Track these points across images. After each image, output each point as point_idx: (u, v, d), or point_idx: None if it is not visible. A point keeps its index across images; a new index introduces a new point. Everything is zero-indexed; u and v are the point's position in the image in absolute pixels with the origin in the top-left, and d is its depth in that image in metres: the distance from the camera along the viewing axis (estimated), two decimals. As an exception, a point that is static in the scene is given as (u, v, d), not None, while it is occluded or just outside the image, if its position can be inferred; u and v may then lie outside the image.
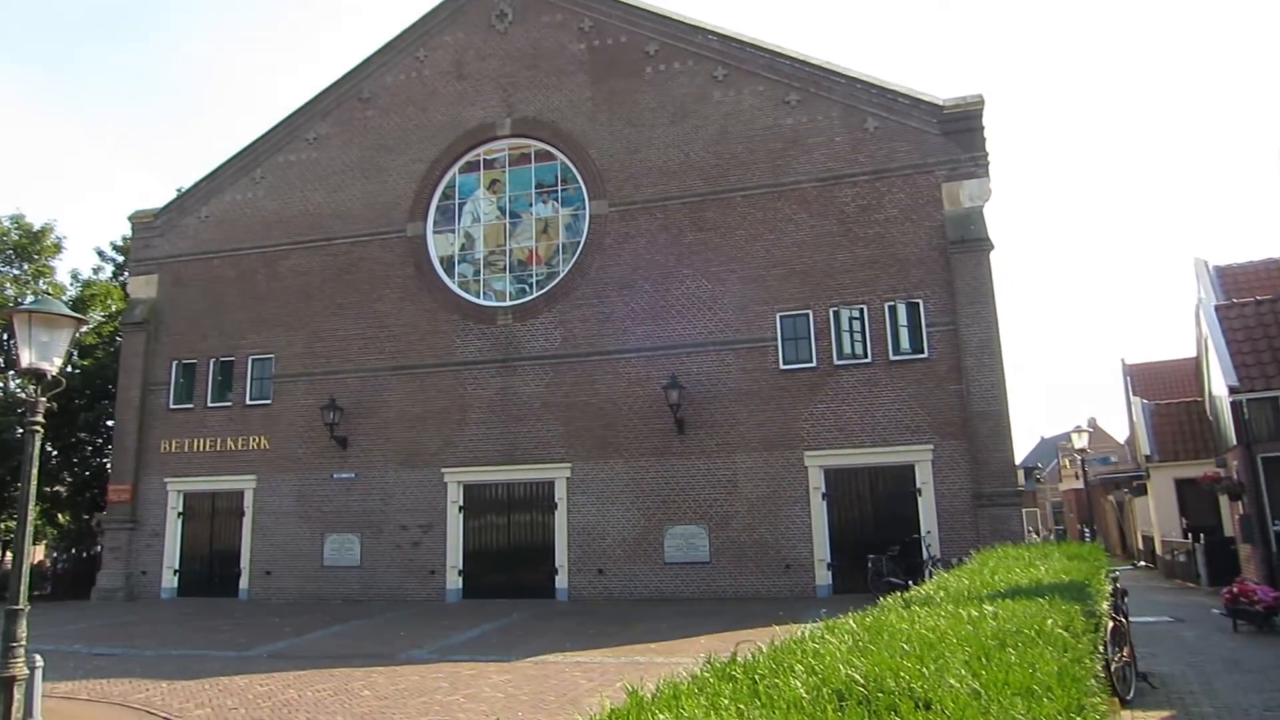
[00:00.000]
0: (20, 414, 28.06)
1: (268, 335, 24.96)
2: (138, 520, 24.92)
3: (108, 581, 24.69)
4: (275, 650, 14.84)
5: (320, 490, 23.60)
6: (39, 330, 7.29)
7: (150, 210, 27.18)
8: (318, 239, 25.05)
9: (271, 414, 24.51)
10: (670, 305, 21.76)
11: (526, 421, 22.33)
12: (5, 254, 30.87)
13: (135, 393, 25.57)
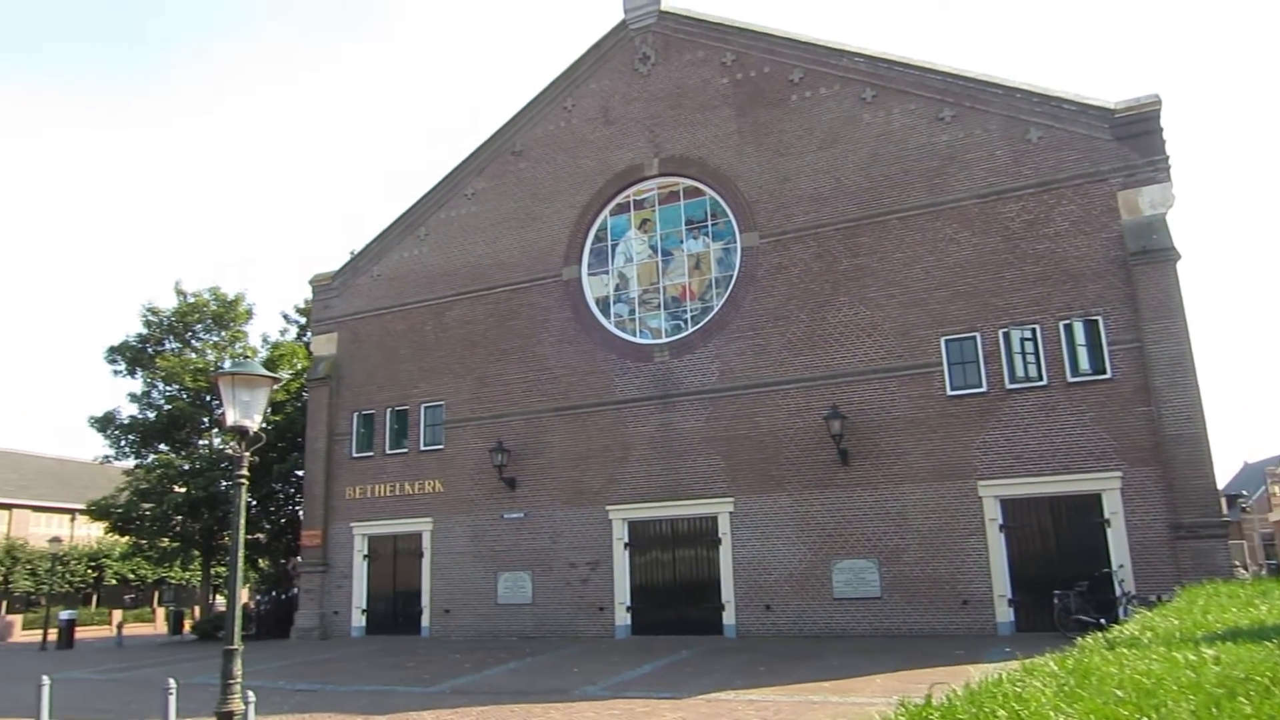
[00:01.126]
0: (224, 468, 30.62)
1: (437, 383, 26.20)
2: (328, 563, 26.54)
3: (304, 621, 26.35)
4: (458, 686, 15.35)
5: (492, 530, 24.43)
6: (241, 390, 7.94)
7: (328, 273, 29.20)
8: (479, 288, 26.18)
9: (444, 458, 25.64)
10: (828, 334, 21.40)
11: (687, 457, 22.39)
12: (206, 323, 33.83)
13: (321, 444, 27.36)
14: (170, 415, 32.41)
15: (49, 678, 13.40)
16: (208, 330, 33.90)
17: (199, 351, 33.57)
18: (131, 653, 27.78)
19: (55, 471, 49.75)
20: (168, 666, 21.39)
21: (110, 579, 46.46)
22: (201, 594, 38.11)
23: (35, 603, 43.08)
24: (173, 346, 33.46)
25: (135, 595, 48.40)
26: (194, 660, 22.66)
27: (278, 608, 30.22)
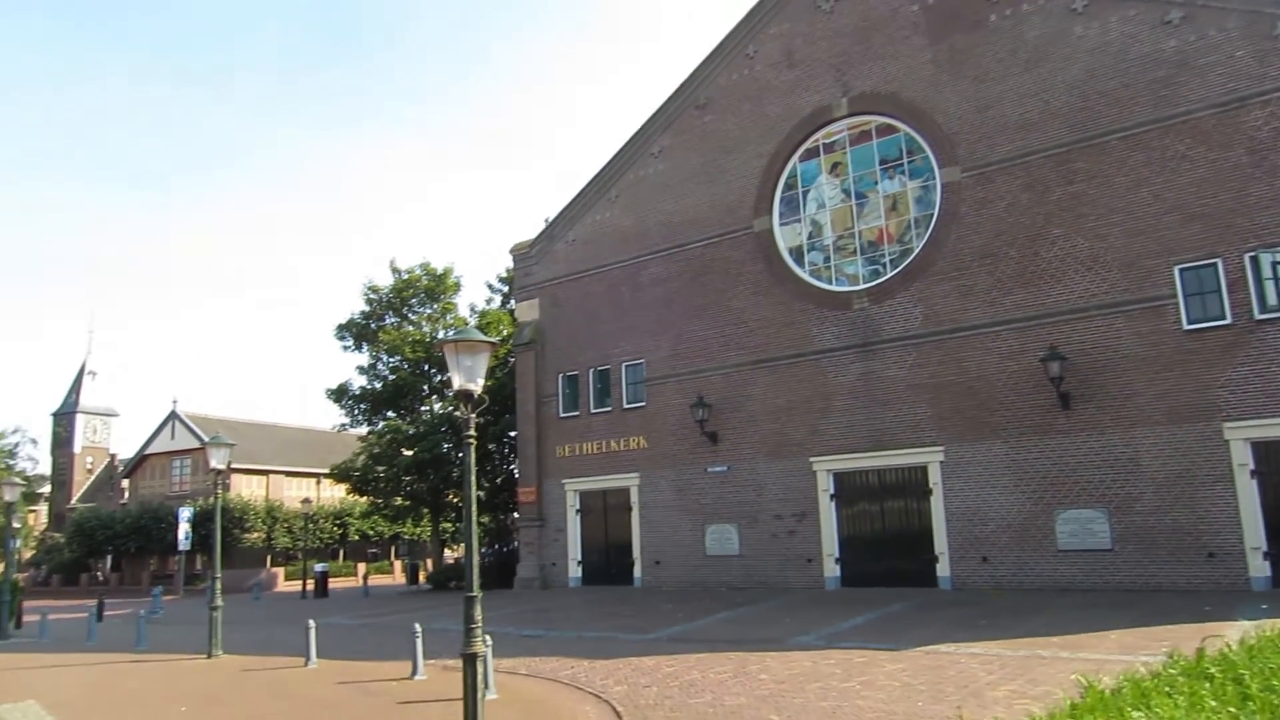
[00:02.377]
0: (445, 432, 32.74)
1: (637, 342, 26.75)
2: (544, 518, 27.92)
3: (525, 572, 27.93)
4: (673, 634, 15.79)
5: (697, 484, 24.81)
6: (464, 356, 8.41)
7: (526, 242, 30.33)
8: (671, 246, 26.38)
9: (647, 415, 26.22)
10: (1041, 270, 20.04)
11: (892, 406, 21.75)
12: (419, 296, 36.13)
13: (531, 406, 28.68)
14: (395, 384, 35.04)
15: (314, 621, 14.98)
16: (421, 303, 36.21)
17: (415, 324, 35.94)
18: (376, 601, 30.50)
19: (301, 440, 55.02)
20: (409, 613, 23.31)
21: (353, 535, 51.09)
22: (432, 548, 41.21)
23: (293, 557, 48.11)
24: (392, 321, 35.98)
25: (376, 550, 53.03)
26: (431, 608, 24.56)
27: (499, 560, 32.17)
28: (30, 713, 11.03)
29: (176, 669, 14.72)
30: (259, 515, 46.61)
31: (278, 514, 47.76)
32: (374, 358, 35.82)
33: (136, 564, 49.86)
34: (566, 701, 10.49)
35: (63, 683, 13.57)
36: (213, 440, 16.41)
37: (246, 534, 45.21)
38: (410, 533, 51.20)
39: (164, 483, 52.07)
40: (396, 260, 36.73)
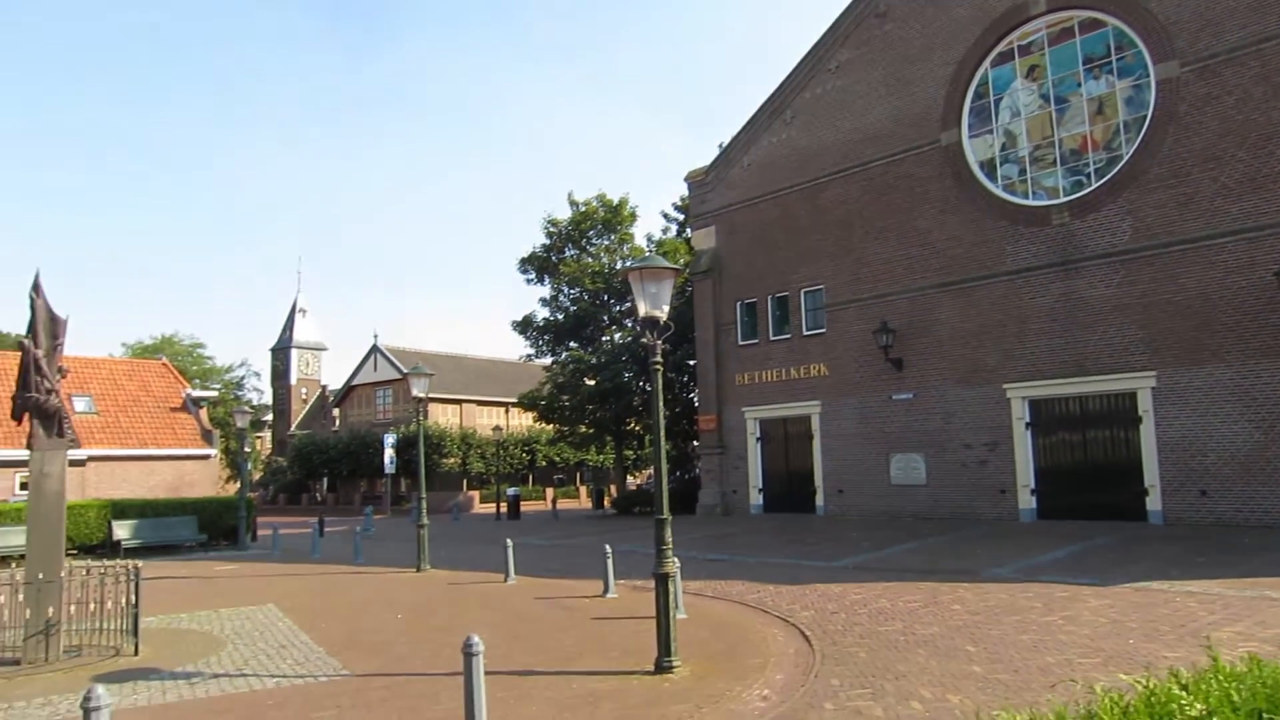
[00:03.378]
0: (625, 361, 33.36)
1: (816, 267, 26.10)
2: (725, 445, 28.10)
3: (707, 499, 28.34)
4: (858, 562, 15.61)
5: (881, 412, 24.18)
6: (649, 283, 8.43)
7: (701, 169, 29.99)
8: (851, 166, 25.37)
9: (827, 342, 25.68)
10: (1276, 173, 17.88)
11: (1096, 328, 20.25)
12: (597, 228, 36.64)
13: (710, 334, 28.71)
14: (576, 315, 35.98)
15: (511, 541, 15.81)
16: (599, 235, 36.74)
17: (594, 255, 36.57)
18: (565, 524, 31.88)
19: (490, 371, 57.72)
20: (596, 536, 24.21)
21: (540, 461, 53.46)
22: (615, 474, 42.52)
23: (486, 481, 50.97)
24: (571, 253, 36.77)
25: (562, 475, 55.34)
26: (617, 531, 25.41)
27: (681, 487, 32.76)
28: (270, 614, 12.29)
29: (391, 581, 15.96)
30: (454, 442, 49.53)
31: (471, 441, 50.58)
32: (555, 290, 36.84)
33: (349, 485, 54.37)
34: (754, 624, 10.59)
35: (295, 590, 15.02)
36: (413, 370, 17.41)
37: (444, 459, 48.20)
38: (594, 459, 53.03)
39: (369, 411, 56.16)
40: (574, 193, 37.36)
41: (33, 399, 9.47)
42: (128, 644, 9.69)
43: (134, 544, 22.13)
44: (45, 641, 9.27)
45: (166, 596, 14.07)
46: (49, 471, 9.63)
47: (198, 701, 7.69)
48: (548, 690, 7.64)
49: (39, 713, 7.45)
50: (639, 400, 34.97)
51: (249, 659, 9.37)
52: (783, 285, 26.95)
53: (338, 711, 7.18)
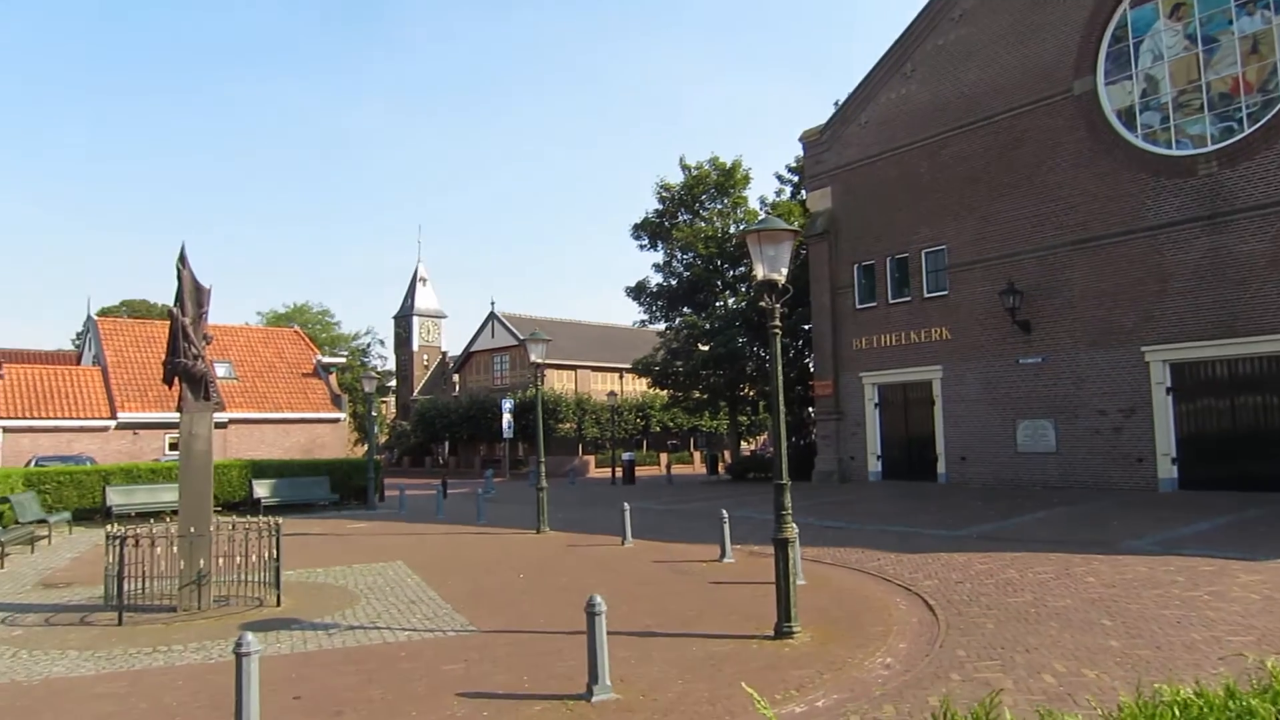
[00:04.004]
0: (739, 327, 33.12)
1: (937, 227, 25.19)
2: (841, 411, 27.62)
3: (823, 465, 27.97)
4: (983, 532, 15.12)
5: (1007, 376, 23.27)
6: (767, 246, 8.26)
7: (816, 128, 29.26)
8: (976, 120, 24.27)
9: (949, 304, 24.82)
10: None
11: (1248, 285, 18.88)
12: (710, 192, 36.28)
13: (825, 298, 28.14)
14: (690, 281, 35.84)
15: (627, 505, 15.98)
16: (712, 199, 36.38)
17: (707, 220, 36.27)
18: (679, 489, 32.07)
19: (604, 337, 58.32)
20: (711, 501, 24.25)
21: (654, 427, 53.86)
22: (729, 440, 42.44)
23: (601, 446, 51.71)
24: (684, 218, 36.55)
25: (676, 441, 55.63)
26: (732, 497, 25.39)
27: (796, 453, 32.40)
28: (400, 571, 12.81)
29: (511, 541, 16.40)
30: (569, 407, 50.37)
31: (586, 406, 51.34)
32: (669, 255, 36.75)
33: (469, 449, 56.10)
34: (875, 591, 10.40)
35: (421, 548, 15.60)
36: (531, 336, 17.69)
37: (560, 424, 49.11)
38: (708, 425, 53.05)
39: (487, 377, 57.64)
40: (686, 157, 37.06)
41: (181, 364, 10.06)
42: (270, 595, 10.26)
43: (272, 502, 23.41)
44: (197, 591, 9.90)
45: (303, 552, 14.83)
46: (197, 432, 10.23)
47: (335, 651, 8.07)
48: (668, 651, 7.69)
49: (194, 656, 7.97)
50: (753, 366, 34.68)
51: (381, 613, 9.78)
52: (902, 246, 26.14)
53: (466, 665, 7.42)
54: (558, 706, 6.20)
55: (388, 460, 59.76)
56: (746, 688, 5.94)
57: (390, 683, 6.92)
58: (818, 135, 29.12)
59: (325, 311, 77.29)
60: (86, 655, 8.10)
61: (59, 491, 21.77)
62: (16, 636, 8.98)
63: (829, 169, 28.62)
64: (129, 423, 35.26)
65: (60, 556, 15.73)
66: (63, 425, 34.01)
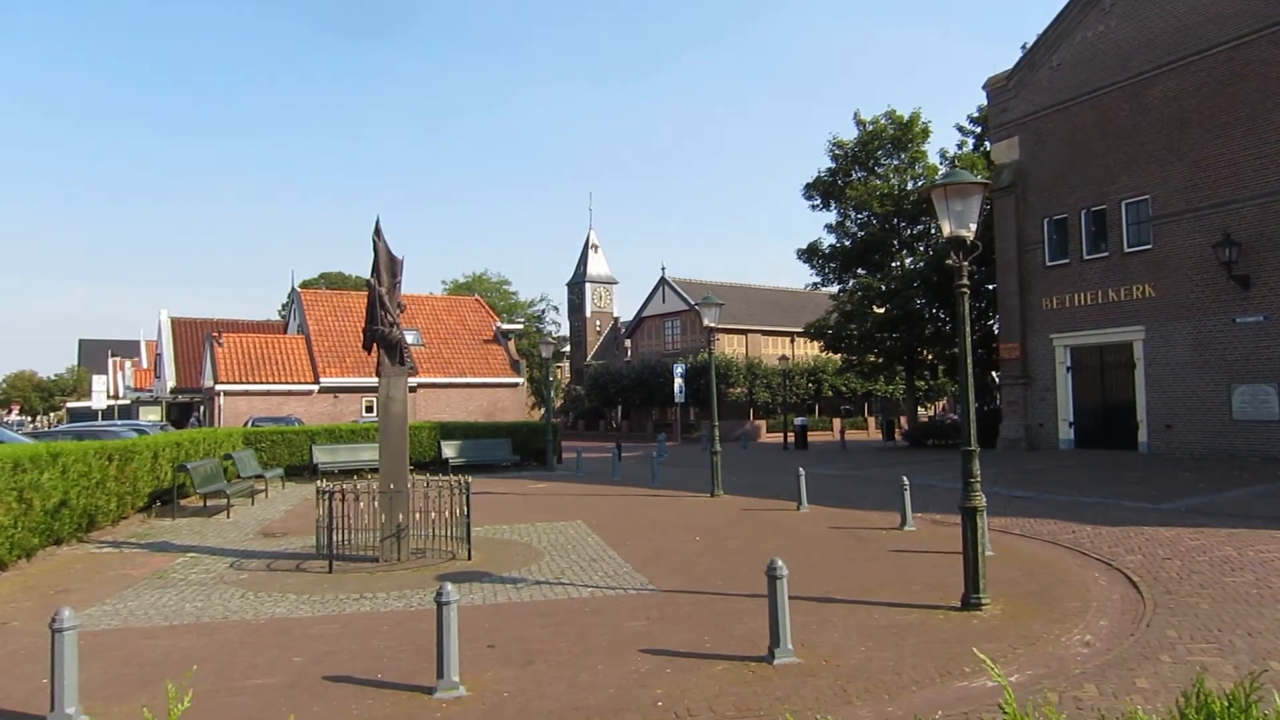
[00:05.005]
0: (917, 288, 31.91)
1: (1139, 175, 23.23)
2: (1029, 376, 26.15)
3: (1009, 432, 26.62)
4: (1193, 505, 13.97)
5: (1221, 337, 21.29)
6: (954, 201, 7.84)
7: (1002, 74, 27.53)
8: (1187, 54, 22.11)
9: (1153, 259, 22.91)
10: None
11: None
12: (885, 148, 34.90)
13: (1012, 254, 26.60)
14: (864, 241, 34.75)
15: (802, 470, 15.80)
16: (888, 155, 35.00)
17: (882, 177, 34.97)
18: (854, 455, 31.42)
19: (775, 300, 57.67)
20: (888, 467, 23.63)
21: (826, 391, 52.91)
22: (906, 405, 41.13)
23: (772, 410, 51.34)
24: (859, 175, 35.38)
25: (849, 406, 54.47)
26: (910, 464, 24.63)
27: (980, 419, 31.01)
28: (580, 530, 13.22)
29: (685, 504, 16.57)
30: (740, 371, 50.21)
31: (757, 370, 51.03)
32: (842, 215, 35.74)
33: (641, 413, 57.07)
34: (1070, 565, 9.82)
35: (599, 509, 16.03)
36: (704, 301, 17.66)
37: (730, 389, 49.07)
38: (883, 390, 51.60)
39: (659, 342, 58.29)
40: (860, 112, 35.76)
41: (379, 331, 10.70)
42: (461, 550, 10.83)
43: (459, 462, 24.67)
44: (397, 543, 10.58)
45: (489, 510, 15.56)
46: (394, 395, 10.87)
47: (523, 604, 8.43)
48: (849, 618, 7.56)
49: (396, 604, 8.53)
50: (931, 328, 33.34)
51: (564, 569, 10.13)
52: (1099, 198, 24.28)
53: (648, 623, 7.56)
54: (739, 667, 6.22)
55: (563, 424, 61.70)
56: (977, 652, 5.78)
57: (576, 636, 7.16)
58: (1003, 82, 27.41)
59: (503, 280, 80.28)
60: (303, 599, 8.83)
61: (272, 450, 23.77)
62: (244, 579, 9.91)
63: (1016, 117, 26.91)
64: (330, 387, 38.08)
65: (276, 509, 17.21)
66: (273, 389, 37.13)
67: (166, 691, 5.88)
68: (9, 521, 10.39)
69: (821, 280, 37.23)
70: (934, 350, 34.63)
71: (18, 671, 6.53)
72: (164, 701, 5.75)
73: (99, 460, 13.43)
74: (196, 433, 21.42)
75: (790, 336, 53.90)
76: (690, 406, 50.19)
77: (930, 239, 33.85)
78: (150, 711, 5.52)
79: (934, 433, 33.40)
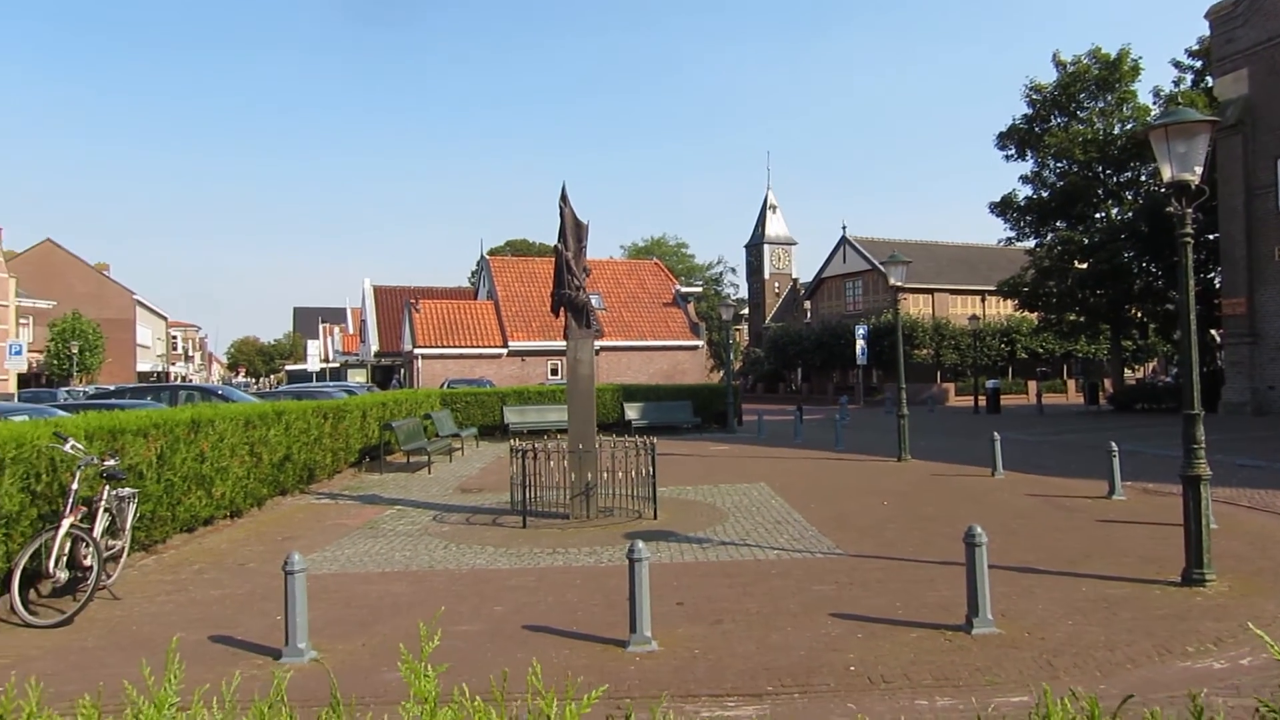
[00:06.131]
0: (1124, 239, 29.57)
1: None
2: (1256, 333, 23.73)
3: (1232, 396, 24.30)
4: None
5: None
6: (1175, 142, 7.13)
7: (1227, 0, 24.78)
8: None
9: None
10: None
11: None
12: (1089, 90, 32.26)
13: (1238, 200, 24.10)
14: (1064, 191, 32.43)
15: (998, 434, 15.07)
16: (1091, 97, 32.39)
17: (1085, 121, 32.43)
18: (1052, 419, 29.63)
19: (963, 257, 54.97)
20: (1091, 433, 22.15)
21: (1020, 353, 50.06)
22: (1111, 367, 38.33)
23: (960, 373, 49.18)
24: (1058, 121, 32.98)
25: (1046, 368, 51.34)
26: (1115, 429, 22.97)
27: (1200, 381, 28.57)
28: (763, 492, 13.19)
29: (871, 468, 16.19)
30: (926, 332, 48.32)
31: (944, 331, 48.95)
32: (1039, 164, 33.47)
33: (821, 376, 56.09)
34: (1311, 543, 8.89)
35: (781, 471, 15.91)
36: (889, 259, 17.04)
37: (916, 350, 47.33)
38: (1084, 350, 48.32)
39: (839, 303, 56.94)
40: (1060, 52, 33.23)
41: (566, 295, 11.00)
42: (647, 509, 11.05)
43: (641, 424, 25.12)
44: (585, 501, 10.93)
45: (671, 471, 15.77)
46: (581, 358, 11.18)
47: (709, 564, 8.52)
48: (1052, 590, 7.16)
49: (587, 560, 8.83)
50: (1140, 283, 30.78)
51: (749, 531, 10.14)
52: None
53: (837, 587, 7.46)
54: (935, 635, 6.04)
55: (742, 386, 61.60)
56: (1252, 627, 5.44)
57: (764, 597, 7.16)
58: (1230, 8, 24.67)
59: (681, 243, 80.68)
60: (500, 552, 9.30)
61: (466, 410, 25.08)
62: (445, 532, 10.54)
63: (1244, 47, 24.20)
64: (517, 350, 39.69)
65: (471, 465, 18.18)
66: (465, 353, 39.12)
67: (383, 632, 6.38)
68: (243, 473, 11.50)
69: (1016, 235, 35.13)
70: (1143, 307, 32.01)
71: (255, 608, 7.25)
72: (382, 641, 6.22)
73: (316, 419, 14.61)
74: (399, 394, 22.90)
75: (981, 295, 51.28)
76: (872, 369, 48.85)
77: (1140, 186, 31.14)
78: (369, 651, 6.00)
79: (1143, 396, 30.99)
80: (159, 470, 9.33)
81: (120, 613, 7.18)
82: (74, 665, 5.84)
